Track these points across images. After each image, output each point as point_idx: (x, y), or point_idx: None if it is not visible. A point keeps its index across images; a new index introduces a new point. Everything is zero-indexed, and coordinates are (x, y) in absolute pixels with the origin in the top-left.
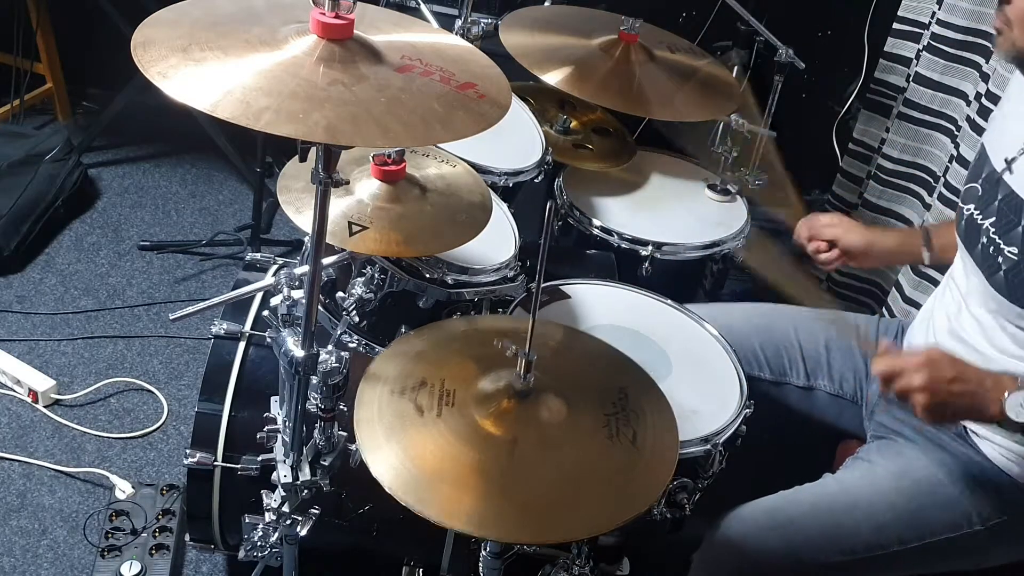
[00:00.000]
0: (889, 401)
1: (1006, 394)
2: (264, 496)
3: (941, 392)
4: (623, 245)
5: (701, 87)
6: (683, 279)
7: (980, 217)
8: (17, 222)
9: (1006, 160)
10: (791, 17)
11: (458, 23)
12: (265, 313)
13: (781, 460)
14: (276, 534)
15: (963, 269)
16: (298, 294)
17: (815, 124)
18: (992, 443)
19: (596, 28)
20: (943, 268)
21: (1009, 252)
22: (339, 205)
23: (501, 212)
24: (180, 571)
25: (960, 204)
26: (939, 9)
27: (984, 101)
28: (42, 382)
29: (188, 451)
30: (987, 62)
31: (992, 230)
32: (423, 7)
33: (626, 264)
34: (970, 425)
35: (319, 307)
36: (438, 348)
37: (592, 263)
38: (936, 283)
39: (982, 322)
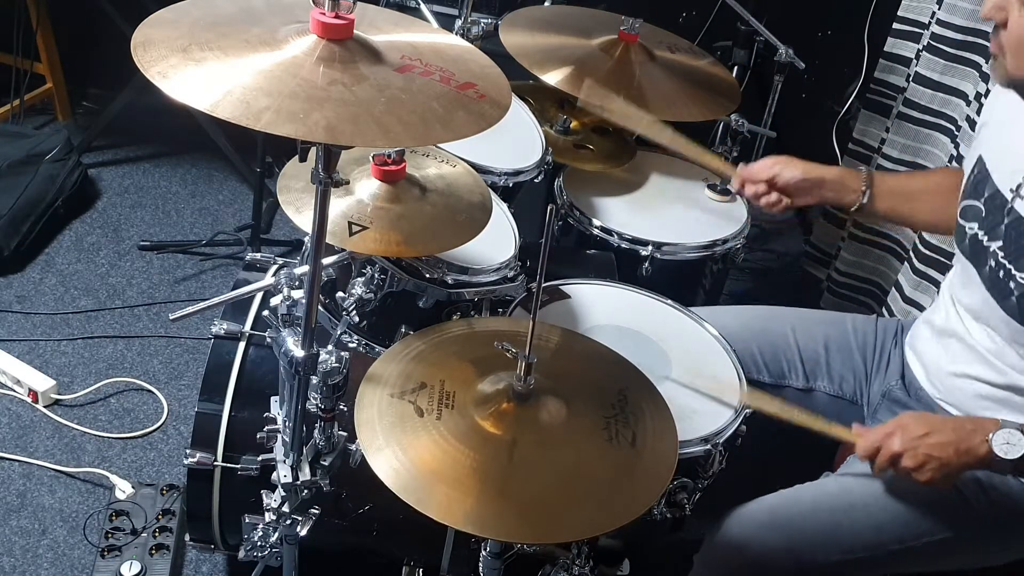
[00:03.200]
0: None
1: (991, 434)
2: (264, 496)
3: (920, 449)
4: (623, 245)
5: (701, 87)
6: (683, 279)
7: (987, 239)
8: (17, 222)
9: (1012, 189)
10: (791, 17)
11: (458, 23)
12: (265, 313)
13: (781, 460)
14: (276, 534)
15: (969, 285)
16: (298, 294)
17: (815, 124)
18: None
19: (596, 28)
20: (878, 215)
21: (1022, 278)
22: (339, 205)
23: (501, 212)
24: (180, 571)
25: (960, 220)
26: (939, 9)
27: (984, 101)
28: (42, 382)
29: (188, 451)
30: (987, 62)
31: (1001, 254)
32: (423, 7)
33: (626, 264)
34: None
35: (319, 307)
36: (438, 350)
37: (592, 263)
38: (936, 283)
39: (991, 337)
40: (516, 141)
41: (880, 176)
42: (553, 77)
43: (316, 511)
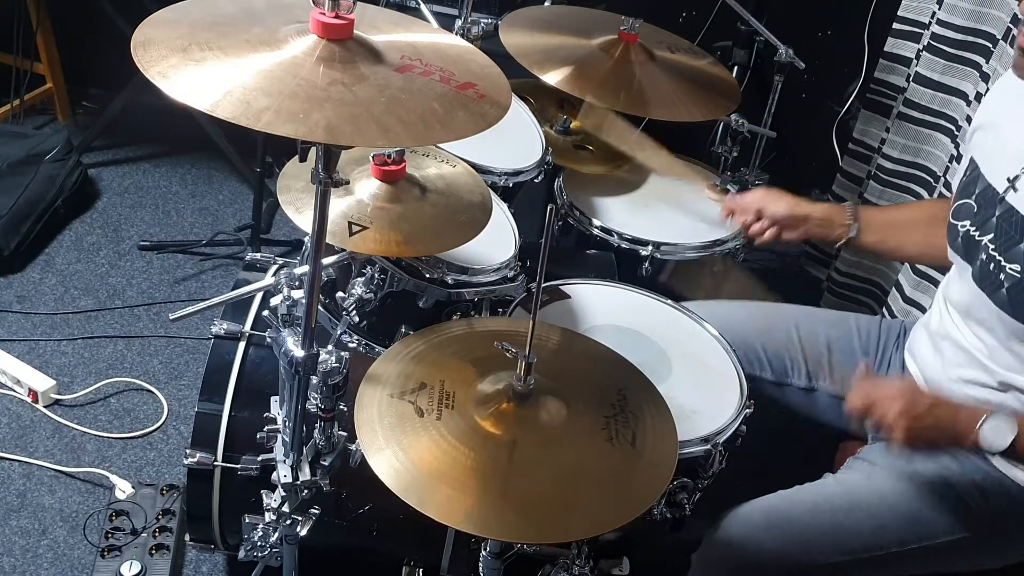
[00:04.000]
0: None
1: (980, 421)
2: (264, 496)
3: (914, 427)
4: (623, 245)
5: (701, 87)
6: (683, 279)
7: (978, 234)
8: (17, 222)
9: (1008, 179)
10: (791, 17)
11: (458, 23)
12: (265, 313)
13: (781, 460)
14: (276, 534)
15: (962, 283)
16: (298, 294)
17: (815, 124)
18: None
19: (596, 28)
20: (865, 249)
21: (1011, 270)
22: (339, 205)
23: (501, 212)
24: (180, 571)
25: (952, 220)
26: (939, 9)
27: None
28: (42, 382)
29: (188, 451)
30: (987, 62)
31: (991, 247)
32: (423, 7)
33: (626, 264)
34: None
35: (319, 307)
36: (437, 350)
37: (592, 263)
38: (936, 283)
39: (984, 338)
40: (516, 141)
41: (867, 211)
42: (553, 77)
43: (316, 511)
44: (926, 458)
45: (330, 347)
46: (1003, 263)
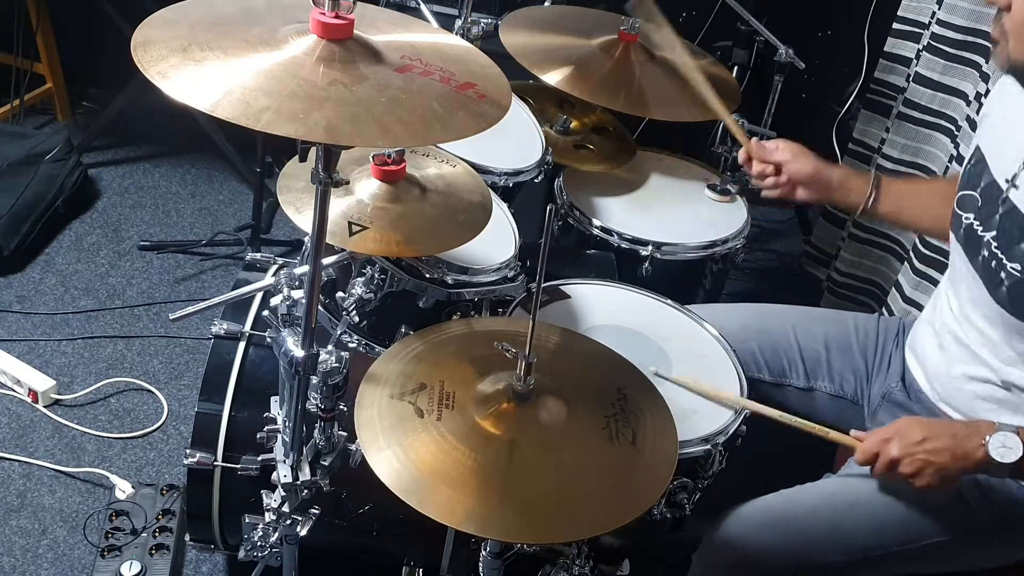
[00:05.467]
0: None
1: (987, 438)
2: (264, 496)
3: (917, 455)
4: (623, 245)
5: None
6: (683, 279)
7: (981, 229)
8: (17, 222)
9: (1007, 179)
10: (791, 17)
11: (458, 23)
12: (265, 313)
13: (781, 460)
14: (276, 534)
15: (963, 277)
16: (298, 294)
17: (815, 124)
18: None
19: (596, 28)
20: (878, 217)
21: (1012, 268)
22: (339, 205)
23: (501, 212)
24: (180, 571)
25: (956, 210)
26: (939, 9)
27: (984, 101)
28: (42, 382)
29: (188, 451)
30: (987, 62)
31: (994, 244)
32: (423, 7)
33: (626, 264)
34: None
35: (319, 307)
36: (437, 350)
37: (592, 263)
38: (936, 282)
39: (986, 333)
40: (516, 141)
41: (887, 180)
42: (553, 77)
43: (316, 511)
44: None
45: (330, 347)
46: (1004, 261)
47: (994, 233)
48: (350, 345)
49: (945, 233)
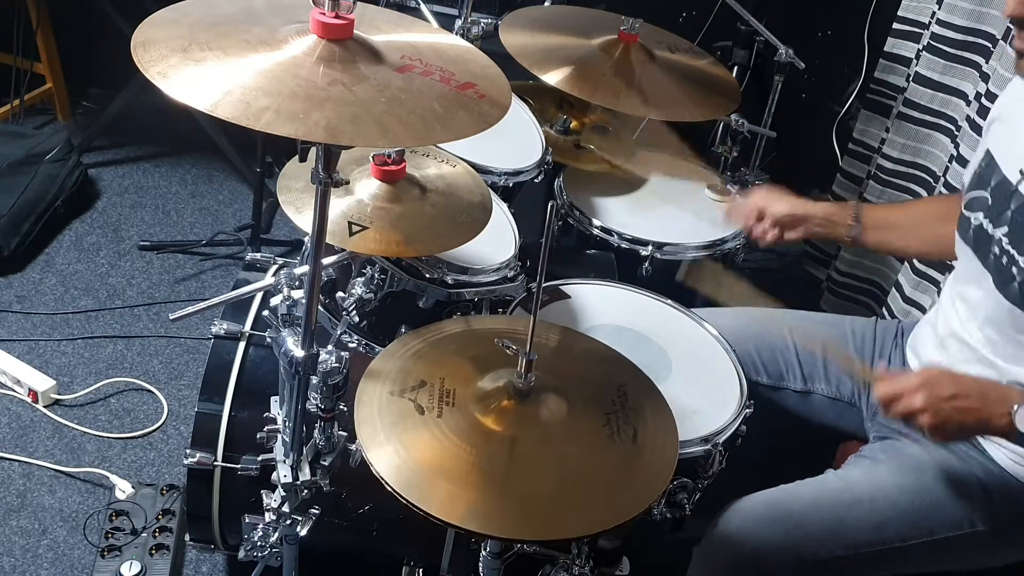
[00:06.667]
0: (892, 423)
1: (1015, 407)
2: (264, 496)
3: (944, 410)
4: (623, 245)
5: (701, 87)
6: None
7: (992, 227)
8: (17, 222)
9: (1020, 171)
10: (791, 17)
11: (458, 23)
12: (265, 313)
13: (781, 460)
14: (276, 534)
15: (971, 277)
16: (298, 294)
17: (815, 124)
18: (998, 445)
19: (596, 28)
20: (869, 247)
21: None
22: (339, 205)
23: (501, 212)
24: (180, 571)
25: (964, 211)
26: (939, 9)
27: (984, 101)
28: (42, 382)
29: (188, 451)
30: (987, 62)
31: (1005, 241)
32: (423, 7)
33: (626, 264)
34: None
35: (319, 307)
36: (436, 348)
37: (592, 263)
38: (936, 282)
39: (992, 335)
40: (516, 141)
41: (870, 210)
42: (553, 77)
43: (316, 511)
44: (929, 455)
45: (330, 347)
46: (1016, 257)
47: (1005, 229)
48: (350, 345)
49: (944, 254)
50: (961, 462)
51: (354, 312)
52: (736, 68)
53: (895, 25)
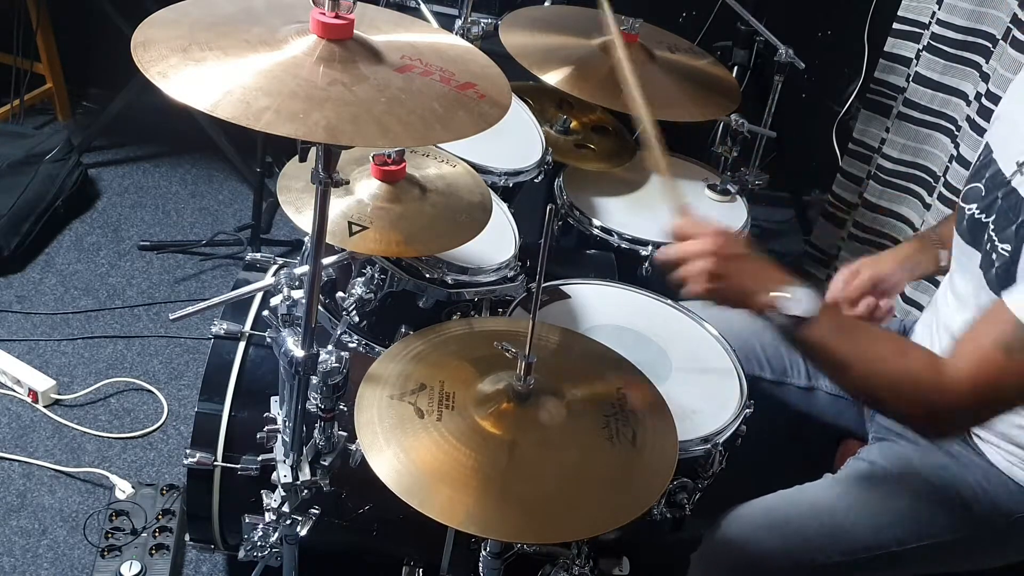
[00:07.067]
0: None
1: (781, 290)
2: (264, 496)
3: (725, 267)
4: (623, 245)
5: (701, 87)
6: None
7: (983, 216)
8: (17, 222)
9: (1018, 163)
10: (791, 17)
11: (458, 23)
12: (265, 313)
13: (781, 460)
14: (276, 534)
15: (962, 268)
16: (298, 294)
17: (815, 124)
18: (997, 448)
19: (596, 28)
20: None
21: (1003, 249)
22: (339, 205)
23: (501, 212)
24: (180, 571)
25: (960, 203)
26: (939, 9)
27: (984, 101)
28: (42, 382)
29: (188, 451)
30: (987, 62)
31: (991, 227)
32: (423, 7)
33: (626, 264)
34: (975, 429)
35: (319, 307)
36: (436, 350)
37: (592, 263)
38: (936, 283)
39: None
40: (516, 141)
41: (938, 231)
42: (553, 77)
43: (316, 511)
44: (926, 457)
45: (330, 347)
46: (997, 243)
47: (994, 217)
48: (350, 345)
49: None
50: (959, 465)
51: (354, 312)
52: (736, 68)
53: (895, 25)
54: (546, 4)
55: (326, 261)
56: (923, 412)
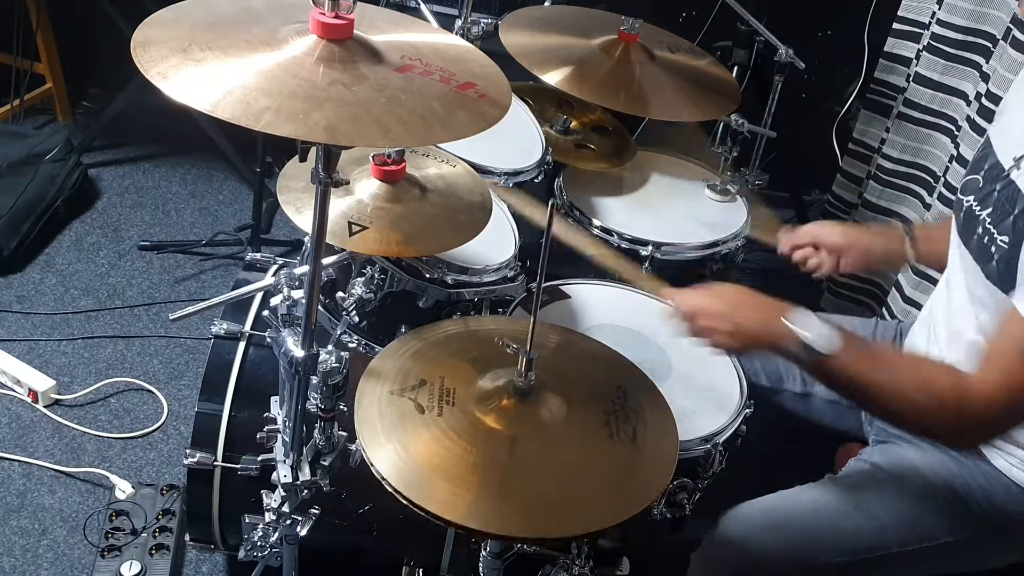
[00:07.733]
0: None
1: (788, 316)
2: (264, 496)
3: (734, 319)
4: (623, 245)
5: (701, 87)
6: (683, 279)
7: (979, 208)
8: (17, 222)
9: (1014, 159)
10: (791, 17)
11: (458, 23)
12: (265, 313)
13: (781, 460)
14: (276, 534)
15: (959, 265)
16: (298, 294)
17: (815, 124)
18: (998, 449)
19: (596, 28)
20: (929, 268)
21: (1001, 241)
22: (339, 205)
23: (501, 212)
24: (180, 571)
25: (959, 196)
26: (939, 9)
27: (984, 101)
28: (42, 382)
29: (188, 451)
30: (987, 62)
31: (988, 220)
32: (423, 7)
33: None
34: None
35: (319, 307)
36: (436, 348)
37: (592, 263)
38: (936, 282)
39: (981, 321)
40: (516, 141)
41: (918, 228)
42: (553, 77)
43: (316, 511)
44: (928, 459)
45: (330, 347)
46: (995, 234)
47: (989, 210)
48: (350, 345)
49: None
50: (959, 466)
51: (354, 312)
52: (736, 68)
53: (895, 25)
54: (546, 4)
55: (326, 261)
56: (950, 429)
